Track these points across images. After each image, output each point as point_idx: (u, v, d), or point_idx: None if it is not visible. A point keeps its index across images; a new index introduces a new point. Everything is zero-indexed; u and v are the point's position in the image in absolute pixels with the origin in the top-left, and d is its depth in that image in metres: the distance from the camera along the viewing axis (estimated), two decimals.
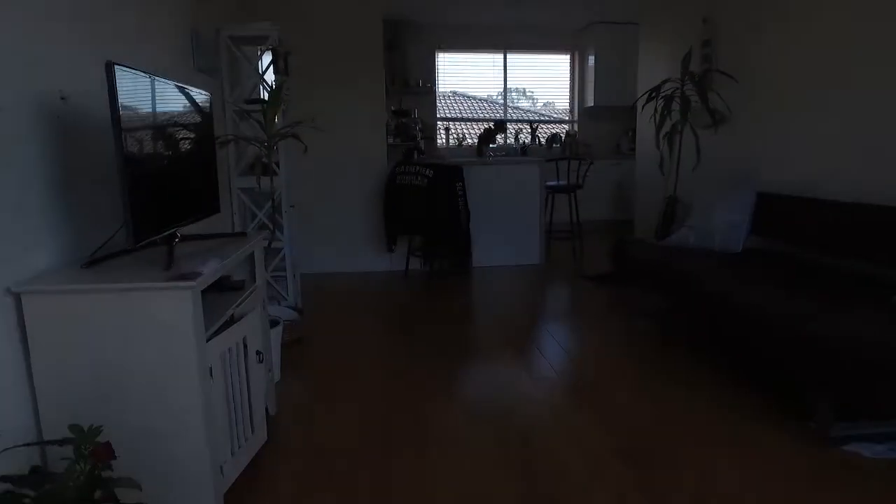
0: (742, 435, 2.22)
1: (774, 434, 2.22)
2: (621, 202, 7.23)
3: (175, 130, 1.89)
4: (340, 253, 5.04)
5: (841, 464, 2.02)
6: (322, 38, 4.70)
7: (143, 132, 1.65)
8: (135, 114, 1.59)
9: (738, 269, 3.01)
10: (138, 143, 1.59)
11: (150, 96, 1.71)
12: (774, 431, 2.24)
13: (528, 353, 3.13)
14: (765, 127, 3.78)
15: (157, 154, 1.76)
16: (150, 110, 1.72)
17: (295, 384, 2.75)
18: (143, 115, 1.67)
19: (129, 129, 1.52)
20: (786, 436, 2.20)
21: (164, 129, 1.82)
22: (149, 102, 1.71)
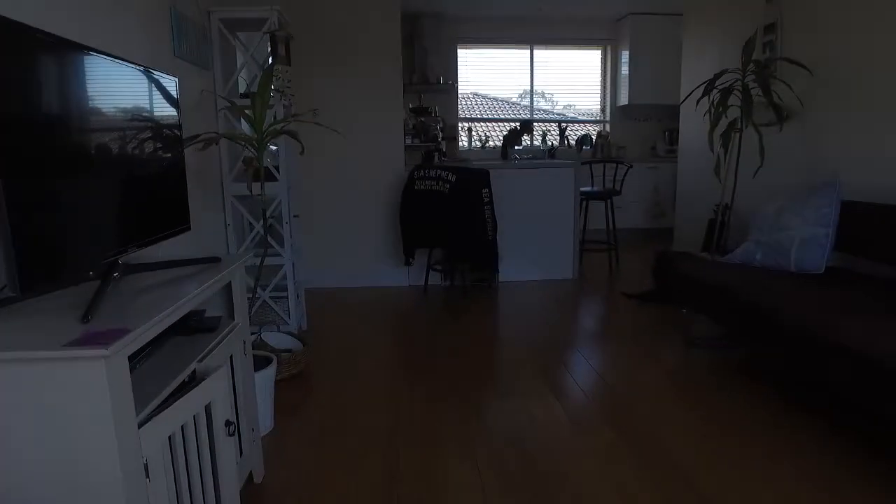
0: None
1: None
2: (658, 209, 6.67)
3: (115, 126, 1.41)
4: (352, 266, 4.55)
5: None
6: (334, 29, 4.24)
7: (51, 125, 1.17)
8: (28, 96, 1.12)
9: (829, 296, 2.45)
10: (38, 137, 1.11)
11: (65, 72, 1.23)
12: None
13: (564, 388, 2.62)
14: (847, 123, 3.22)
15: (77, 154, 1.27)
16: (66, 93, 1.25)
17: (289, 436, 2.26)
18: (48, 100, 1.19)
19: (20, 119, 1.05)
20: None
21: (91, 120, 1.33)
22: (64, 81, 1.23)
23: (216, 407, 1.38)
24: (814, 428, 2.24)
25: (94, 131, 1.33)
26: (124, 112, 1.48)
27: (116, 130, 1.42)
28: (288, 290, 3.23)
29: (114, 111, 1.43)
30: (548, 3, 6.20)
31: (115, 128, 1.42)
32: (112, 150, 1.41)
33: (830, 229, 2.91)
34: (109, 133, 1.40)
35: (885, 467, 1.96)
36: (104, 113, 1.38)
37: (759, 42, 3.89)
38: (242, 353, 1.76)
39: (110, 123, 1.40)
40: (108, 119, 1.40)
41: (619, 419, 2.35)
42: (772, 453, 2.07)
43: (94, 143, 1.34)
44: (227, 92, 3.08)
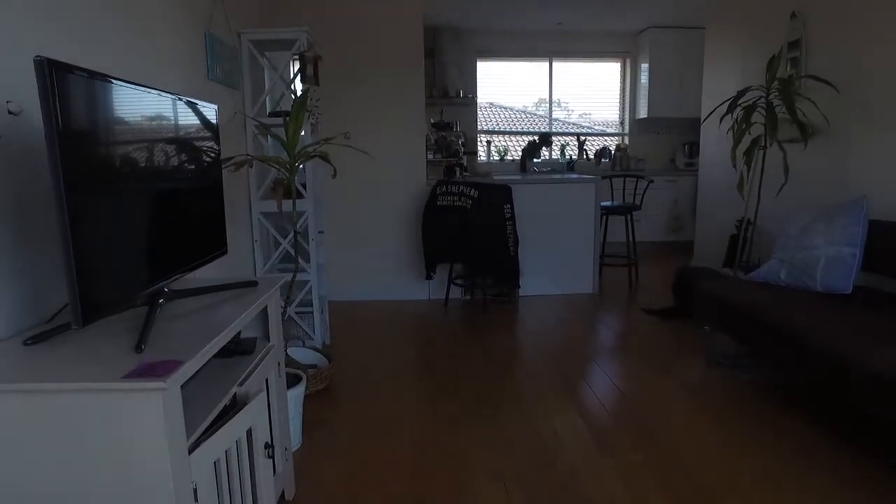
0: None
1: None
2: (676, 223, 6.65)
3: (162, 155, 1.46)
4: (375, 280, 4.60)
5: None
6: (356, 46, 4.30)
7: (107, 158, 1.22)
8: (94, 134, 1.17)
9: (857, 318, 2.44)
10: (97, 173, 1.17)
11: (123, 109, 1.28)
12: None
13: (587, 405, 2.62)
14: (873, 142, 3.21)
15: (132, 188, 1.32)
16: (123, 128, 1.30)
17: (317, 453, 2.29)
18: (109, 136, 1.24)
19: (83, 155, 1.10)
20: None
21: (144, 154, 1.39)
22: (121, 117, 1.28)
23: (256, 430, 1.42)
24: (840, 452, 2.23)
25: (143, 162, 1.38)
26: (172, 143, 1.53)
27: (162, 160, 1.47)
28: (313, 306, 3.27)
29: (160, 141, 1.48)
30: (567, 18, 6.24)
31: (162, 157, 1.47)
32: (158, 179, 1.46)
33: (858, 249, 2.88)
34: (156, 163, 1.45)
35: None
36: (151, 143, 1.44)
37: (784, 58, 3.89)
38: (277, 374, 1.80)
39: (157, 153, 1.45)
40: (154, 149, 1.45)
41: (642, 438, 2.35)
42: (795, 472, 2.06)
43: (143, 173, 1.39)
44: (256, 111, 3.14)
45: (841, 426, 2.44)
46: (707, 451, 2.25)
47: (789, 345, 2.45)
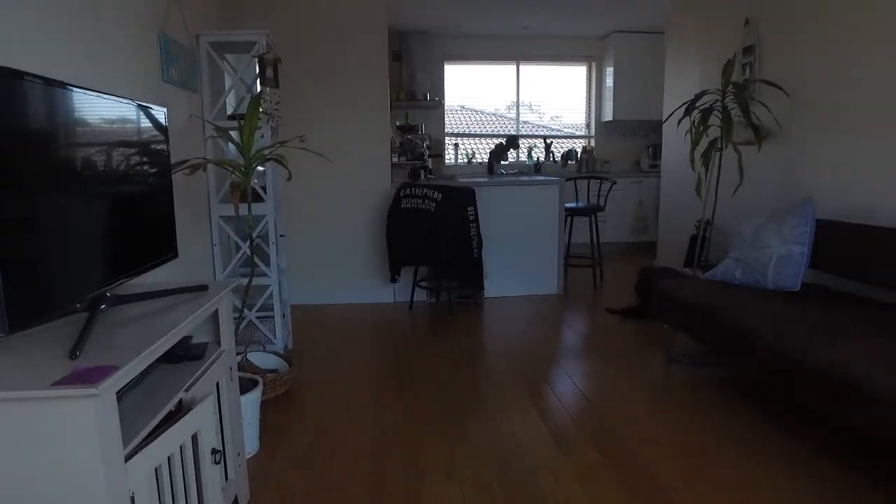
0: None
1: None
2: (641, 224, 6.76)
3: (103, 158, 1.44)
4: (339, 283, 4.58)
5: None
6: (321, 49, 4.28)
7: (38, 161, 1.20)
8: (22, 135, 1.15)
9: (804, 315, 2.51)
10: (26, 175, 1.14)
11: (59, 111, 1.26)
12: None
13: (548, 405, 2.65)
14: (822, 145, 3.32)
15: (67, 191, 1.30)
16: (57, 130, 1.28)
17: (275, 458, 2.27)
18: (41, 137, 1.22)
19: (8, 156, 1.08)
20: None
21: (82, 156, 1.37)
22: (56, 119, 1.26)
23: (202, 436, 1.40)
24: (794, 446, 2.30)
25: (81, 164, 1.36)
26: (112, 144, 1.51)
27: (104, 162, 1.45)
28: (274, 310, 3.24)
29: (101, 143, 1.46)
30: (533, 22, 6.31)
31: (103, 160, 1.45)
32: (99, 183, 1.43)
33: (806, 248, 2.98)
34: (97, 165, 1.42)
35: (867, 484, 2.02)
36: (91, 146, 1.41)
37: (739, 64, 4.00)
38: (229, 378, 1.78)
39: (97, 156, 1.43)
40: (95, 152, 1.43)
41: (601, 437, 2.39)
42: (750, 471, 2.12)
43: (82, 176, 1.37)
44: (215, 114, 3.11)
45: (794, 421, 2.51)
46: (663, 449, 2.29)
47: (742, 342, 2.51)
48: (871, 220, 2.98)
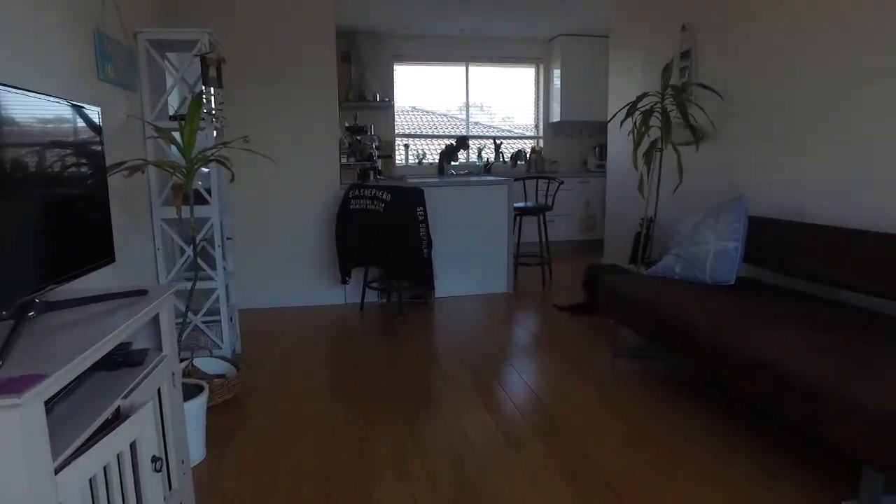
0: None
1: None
2: (589, 223, 6.93)
3: (30, 159, 1.39)
4: (289, 286, 4.52)
5: None
6: (267, 49, 4.21)
7: None
8: None
9: (737, 308, 2.63)
10: None
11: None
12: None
13: (497, 403, 2.69)
14: (752, 145, 3.48)
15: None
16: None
17: (222, 465, 2.23)
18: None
19: None
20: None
21: (6, 157, 1.31)
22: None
23: (142, 443, 1.37)
24: (732, 434, 2.41)
25: (6, 165, 1.31)
26: (41, 144, 1.46)
27: (32, 163, 1.40)
28: (221, 314, 3.18)
29: (29, 144, 1.41)
30: (482, 24, 6.37)
31: (31, 161, 1.40)
32: (27, 185, 1.38)
33: (739, 243, 3.12)
34: (24, 167, 1.37)
35: (797, 468, 2.13)
36: (18, 146, 1.36)
37: (676, 67, 4.15)
38: (171, 384, 1.74)
39: (25, 157, 1.38)
40: (22, 152, 1.38)
41: (550, 432, 2.45)
42: (692, 459, 2.21)
43: (8, 178, 1.32)
44: (157, 114, 3.02)
45: (732, 410, 2.63)
46: (608, 440, 2.36)
47: (681, 335, 2.61)
48: (797, 217, 3.15)
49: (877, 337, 2.16)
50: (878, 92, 2.65)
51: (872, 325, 2.33)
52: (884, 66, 2.61)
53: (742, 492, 1.98)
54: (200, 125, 2.71)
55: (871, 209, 2.71)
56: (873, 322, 2.37)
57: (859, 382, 1.79)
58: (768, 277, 3.31)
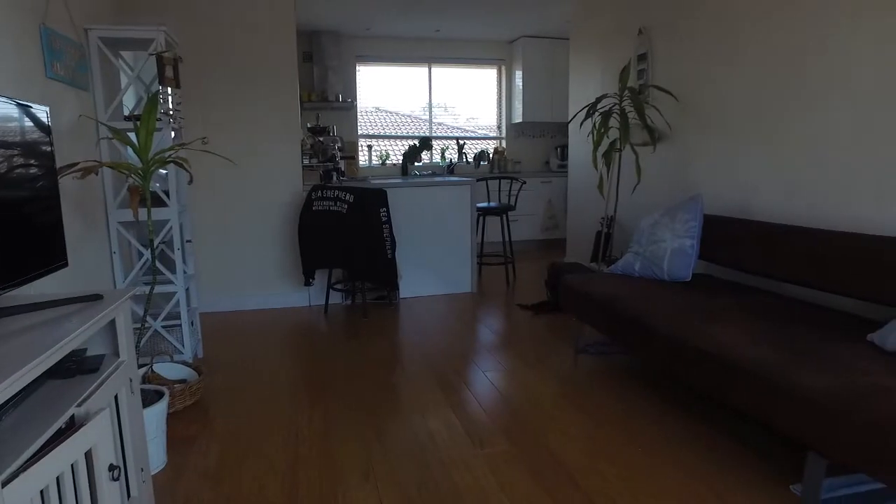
0: (708, 497, 1.91)
1: (751, 498, 1.91)
2: (551, 222, 7.02)
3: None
4: (252, 289, 4.46)
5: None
6: (227, 48, 4.15)
7: None
8: None
9: (694, 303, 2.72)
10: None
11: None
12: (751, 495, 1.93)
13: (462, 402, 2.72)
14: (706, 146, 3.59)
15: None
16: None
17: (184, 472, 2.19)
18: None
19: None
20: (766, 500, 1.90)
21: None
22: None
23: (98, 452, 1.34)
24: (688, 424, 2.48)
25: None
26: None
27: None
28: (181, 319, 3.12)
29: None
30: (444, 25, 6.40)
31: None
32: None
33: (695, 241, 3.21)
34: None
35: (749, 455, 2.21)
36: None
37: (634, 70, 4.25)
38: (129, 390, 1.71)
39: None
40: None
41: (513, 429, 2.48)
42: (651, 451, 2.27)
43: None
44: (111, 114, 2.95)
45: (690, 403, 2.71)
46: (571, 435, 2.41)
47: (640, 330, 2.68)
48: (747, 215, 3.26)
49: (818, 328, 2.26)
50: (814, 95, 2.76)
51: (815, 316, 2.44)
52: (819, 71, 2.73)
53: (698, 480, 2.05)
54: (157, 126, 2.66)
55: (813, 207, 2.82)
56: (816, 314, 2.48)
57: (802, 371, 1.88)
58: (723, 273, 3.42)
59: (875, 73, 2.50)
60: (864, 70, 2.55)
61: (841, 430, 1.69)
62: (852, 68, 2.61)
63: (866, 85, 2.55)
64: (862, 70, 2.56)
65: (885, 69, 2.45)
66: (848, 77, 2.63)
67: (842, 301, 2.66)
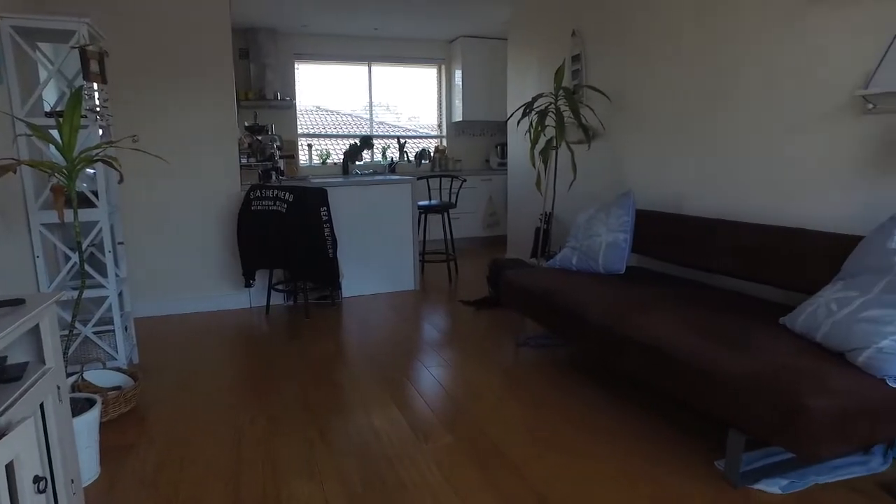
0: (643, 478, 2.00)
1: (681, 475, 2.03)
2: (492, 219, 7.13)
3: None
4: (190, 291, 4.33)
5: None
6: (159, 44, 4.00)
7: None
8: None
9: (626, 294, 2.84)
10: None
11: None
12: (681, 472, 2.05)
13: (406, 398, 2.74)
14: (637, 144, 3.74)
15: None
16: None
17: (119, 482, 2.12)
18: None
19: None
20: (695, 478, 2.01)
21: None
22: None
23: (21, 463, 1.29)
24: (624, 409, 2.59)
25: None
26: None
27: None
28: (114, 324, 3.00)
29: None
30: (383, 24, 6.38)
31: None
32: None
33: (628, 235, 3.35)
34: None
35: (679, 435, 2.33)
36: None
37: (568, 70, 4.38)
38: (57, 399, 1.64)
39: None
40: None
41: (457, 422, 2.52)
42: (589, 436, 2.35)
43: None
44: (29, 110, 2.80)
45: (622, 388, 2.82)
46: (514, 426, 2.47)
47: (574, 321, 2.78)
48: (677, 210, 3.43)
49: (741, 315, 2.41)
50: (734, 98, 2.94)
51: (738, 304, 2.60)
52: (736, 77, 2.90)
53: (633, 462, 2.15)
54: (82, 123, 2.55)
55: (737, 201, 3.00)
56: (739, 302, 2.64)
57: (723, 355, 2.01)
58: (655, 266, 3.58)
59: (763, 79, 2.69)
60: (752, 76, 2.73)
61: (756, 408, 1.81)
62: (752, 74, 2.79)
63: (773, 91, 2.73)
64: (750, 76, 2.74)
65: (773, 79, 2.64)
66: (766, 82, 2.81)
67: (762, 289, 2.85)
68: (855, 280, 2.06)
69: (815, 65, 2.56)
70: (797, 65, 2.64)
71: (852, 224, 2.44)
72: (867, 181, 2.38)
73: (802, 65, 2.61)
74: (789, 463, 2.08)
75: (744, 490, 1.96)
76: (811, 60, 2.57)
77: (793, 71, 2.66)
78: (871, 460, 2.12)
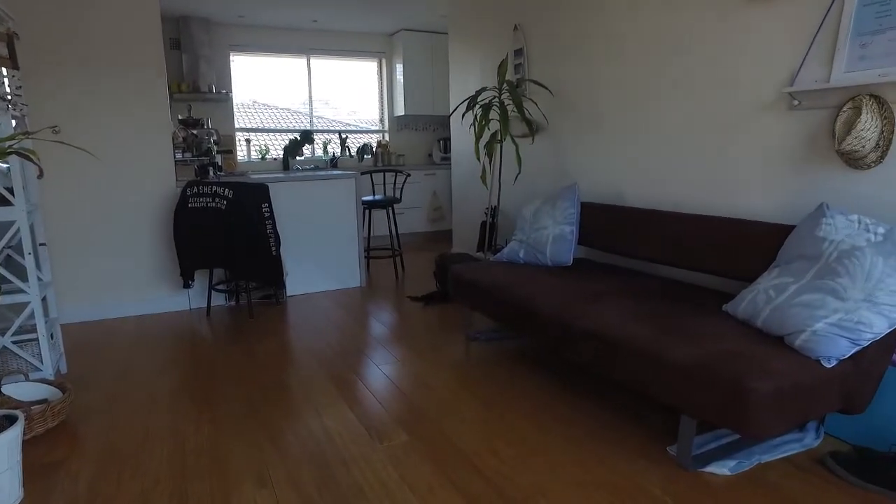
0: (598, 466, 2.04)
1: (636, 462, 2.08)
2: (437, 214, 7.12)
3: None
4: (124, 294, 4.10)
5: (706, 486, 1.91)
6: (83, 32, 3.75)
7: None
8: None
9: (575, 285, 2.88)
10: None
11: None
12: (636, 459, 2.10)
13: (357, 397, 2.69)
14: (580, 138, 3.80)
15: None
16: None
17: (48, 501, 1.98)
18: None
19: None
20: (649, 463, 2.07)
21: None
22: None
23: None
24: (575, 400, 2.63)
25: None
26: None
27: None
28: (38, 332, 2.80)
29: None
30: (321, 16, 6.24)
31: None
32: None
33: (574, 227, 3.40)
34: None
35: (631, 424, 2.39)
36: None
37: (511, 64, 4.40)
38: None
39: None
40: None
41: (411, 420, 2.49)
42: (542, 427, 2.37)
43: None
44: None
45: (573, 378, 2.87)
46: (467, 420, 2.46)
47: (525, 314, 2.79)
48: (621, 202, 3.51)
49: (685, 303, 2.49)
50: (669, 94, 3.03)
51: (682, 293, 2.68)
52: (674, 71, 2.99)
53: (587, 451, 2.18)
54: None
55: (677, 194, 3.10)
56: (683, 291, 2.73)
57: (669, 342, 2.06)
58: (600, 257, 3.66)
59: (706, 78, 2.79)
60: (697, 77, 2.83)
61: (703, 393, 1.87)
62: (695, 73, 2.88)
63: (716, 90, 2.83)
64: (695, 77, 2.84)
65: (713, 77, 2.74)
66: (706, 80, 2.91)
67: (704, 278, 2.95)
68: (789, 267, 2.16)
69: (749, 63, 2.67)
70: (734, 62, 2.74)
71: (785, 214, 2.56)
72: (796, 173, 2.50)
73: (738, 62, 2.72)
74: (735, 444, 2.16)
75: (695, 473, 2.02)
76: (746, 59, 2.68)
77: (728, 68, 2.76)
78: (805, 437, 2.23)
